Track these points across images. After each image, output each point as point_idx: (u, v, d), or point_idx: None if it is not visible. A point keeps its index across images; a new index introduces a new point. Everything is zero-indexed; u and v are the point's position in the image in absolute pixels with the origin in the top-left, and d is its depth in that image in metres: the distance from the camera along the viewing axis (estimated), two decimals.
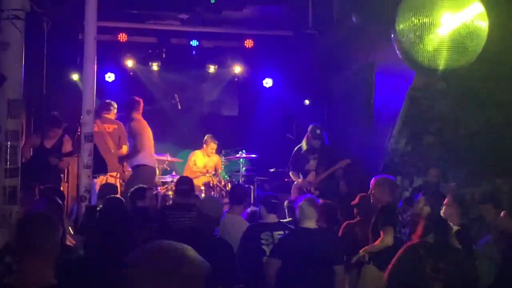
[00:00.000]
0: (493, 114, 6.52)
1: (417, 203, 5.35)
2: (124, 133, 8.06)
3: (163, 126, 9.97)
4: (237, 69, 10.56)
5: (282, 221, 5.44)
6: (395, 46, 5.14)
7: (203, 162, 9.07)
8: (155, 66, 10.23)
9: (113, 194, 5.52)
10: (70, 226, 5.36)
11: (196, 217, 4.56)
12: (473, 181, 6.66)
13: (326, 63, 9.06)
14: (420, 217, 4.67)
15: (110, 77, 10.39)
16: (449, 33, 4.70)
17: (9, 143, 4.33)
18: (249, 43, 10.11)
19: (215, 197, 7.75)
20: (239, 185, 7.86)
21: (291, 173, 7.99)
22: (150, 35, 10.14)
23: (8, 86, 4.35)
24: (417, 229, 4.51)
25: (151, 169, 7.81)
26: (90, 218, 5.16)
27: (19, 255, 2.77)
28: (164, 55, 10.22)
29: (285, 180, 8.88)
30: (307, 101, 10.39)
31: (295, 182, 7.88)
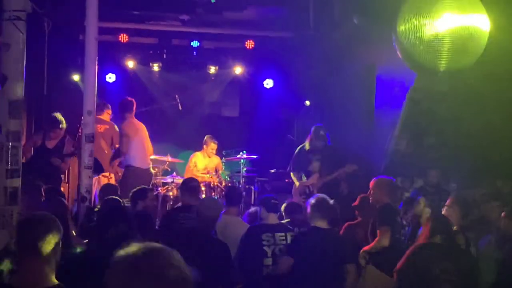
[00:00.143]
0: (494, 116, 6.51)
1: (417, 205, 5.35)
2: (116, 133, 8.05)
3: (164, 127, 9.99)
4: (238, 70, 10.57)
5: (282, 221, 5.44)
6: (396, 47, 5.15)
7: (203, 163, 9.07)
8: (156, 67, 10.24)
9: (113, 194, 5.53)
10: (73, 227, 5.36)
11: (195, 218, 4.57)
12: (473, 182, 6.65)
13: (327, 64, 9.05)
14: (426, 219, 4.69)
15: (111, 77, 10.41)
16: (450, 35, 4.70)
17: (10, 144, 4.33)
18: (250, 44, 10.10)
19: (214, 197, 7.76)
20: (233, 187, 7.94)
21: (292, 173, 7.90)
22: (151, 35, 10.13)
23: (9, 87, 4.35)
24: (423, 230, 4.52)
25: (141, 171, 7.72)
26: (89, 218, 5.18)
27: (19, 256, 2.77)
28: (165, 55, 10.23)
29: (285, 181, 8.87)
30: (307, 102, 10.38)
31: (295, 184, 7.80)
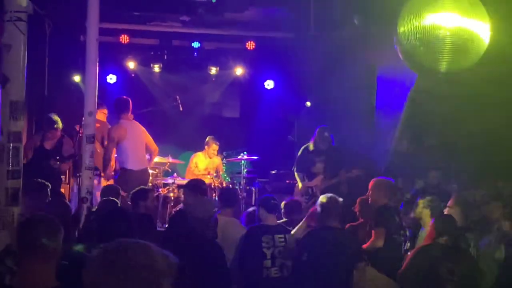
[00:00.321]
0: (494, 117, 6.51)
1: (416, 206, 5.35)
2: (106, 131, 7.87)
3: (165, 128, 9.99)
4: (238, 70, 10.57)
5: (279, 222, 5.42)
6: (397, 48, 5.16)
7: (204, 164, 9.08)
8: (156, 68, 10.24)
9: (114, 195, 5.52)
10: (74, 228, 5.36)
11: (188, 220, 4.54)
12: (474, 183, 6.65)
13: (328, 65, 9.06)
14: (429, 219, 4.69)
15: (111, 78, 10.41)
16: (450, 36, 4.71)
17: (11, 145, 4.33)
18: (250, 45, 10.11)
19: (206, 198, 7.72)
20: (228, 188, 7.99)
21: (297, 173, 7.87)
22: (152, 36, 10.14)
23: (11, 88, 4.34)
24: (428, 231, 4.53)
25: (134, 173, 7.66)
26: (89, 219, 5.19)
27: (20, 257, 2.77)
28: (165, 56, 10.23)
29: (286, 181, 8.87)
30: (308, 103, 10.39)
31: (299, 184, 7.78)
